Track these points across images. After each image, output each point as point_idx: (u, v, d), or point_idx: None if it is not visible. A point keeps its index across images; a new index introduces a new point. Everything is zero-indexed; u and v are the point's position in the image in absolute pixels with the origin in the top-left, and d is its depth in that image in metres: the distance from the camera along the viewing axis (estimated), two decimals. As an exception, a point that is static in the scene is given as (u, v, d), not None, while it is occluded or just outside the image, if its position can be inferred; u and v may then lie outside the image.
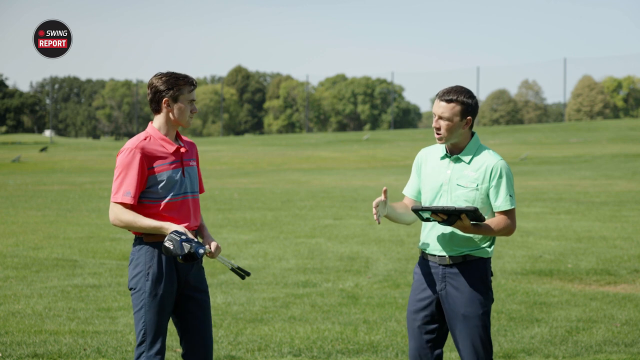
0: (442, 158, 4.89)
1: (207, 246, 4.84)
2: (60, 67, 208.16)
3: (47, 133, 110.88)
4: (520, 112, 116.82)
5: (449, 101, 4.77)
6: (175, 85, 4.83)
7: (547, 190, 25.99)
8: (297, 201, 22.90)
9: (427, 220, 4.77)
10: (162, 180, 4.79)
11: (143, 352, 4.78)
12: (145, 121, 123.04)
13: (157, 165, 4.79)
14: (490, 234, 4.74)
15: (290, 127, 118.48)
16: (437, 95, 4.86)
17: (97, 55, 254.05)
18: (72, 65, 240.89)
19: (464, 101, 4.77)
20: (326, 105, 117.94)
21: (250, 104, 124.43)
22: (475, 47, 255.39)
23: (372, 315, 8.75)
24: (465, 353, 4.83)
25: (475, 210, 4.60)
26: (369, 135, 73.79)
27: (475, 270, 4.79)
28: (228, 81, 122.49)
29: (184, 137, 5.04)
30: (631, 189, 26.09)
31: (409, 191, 5.04)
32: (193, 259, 4.65)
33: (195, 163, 5.00)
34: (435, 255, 4.86)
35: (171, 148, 4.86)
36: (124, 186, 4.75)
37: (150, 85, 4.87)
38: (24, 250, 13.17)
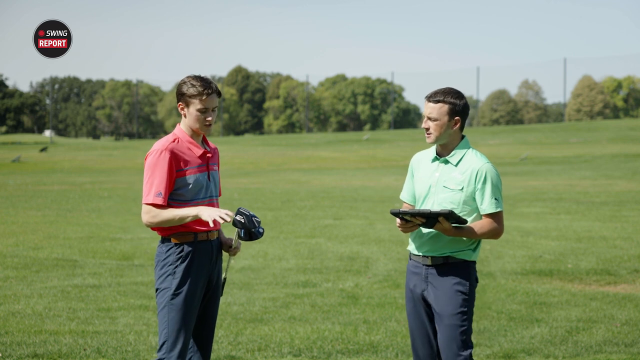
0: (433, 161, 4.95)
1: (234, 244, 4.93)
2: (60, 67, 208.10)
3: (47, 133, 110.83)
4: (520, 112, 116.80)
5: (436, 101, 4.85)
6: (187, 91, 4.84)
7: (547, 190, 25.99)
8: (297, 201, 22.91)
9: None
10: (190, 183, 4.82)
11: (164, 354, 4.78)
12: (145, 121, 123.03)
13: (185, 167, 4.83)
14: (474, 236, 4.78)
15: (290, 127, 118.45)
16: (425, 96, 4.93)
17: (97, 55, 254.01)
18: (72, 65, 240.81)
19: (451, 101, 4.84)
20: (326, 106, 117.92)
21: (250, 104, 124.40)
22: (475, 47, 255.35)
23: (372, 315, 8.75)
24: (441, 351, 4.86)
25: (450, 212, 4.64)
26: (369, 135, 73.78)
27: (456, 272, 4.82)
28: (228, 81, 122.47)
29: (210, 142, 5.07)
30: (631, 189, 26.09)
31: (405, 196, 5.11)
32: (255, 237, 4.75)
33: (217, 167, 5.04)
34: (419, 256, 4.92)
35: (198, 152, 4.90)
36: (155, 187, 4.77)
37: (177, 86, 4.93)
38: (24, 250, 13.17)
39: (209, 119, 4.86)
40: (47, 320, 8.31)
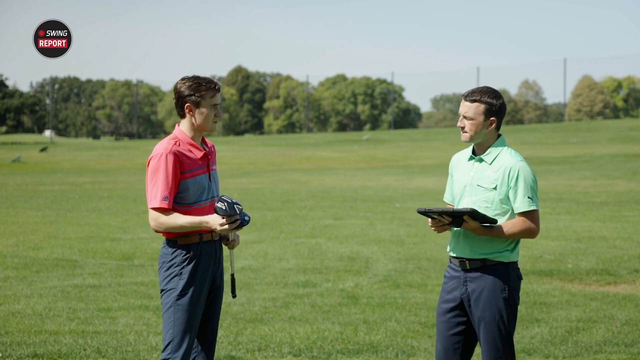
0: (469, 160, 4.94)
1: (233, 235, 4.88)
2: (60, 67, 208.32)
3: (47, 133, 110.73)
4: (520, 112, 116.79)
5: (473, 101, 4.84)
6: (197, 90, 4.82)
7: (547, 191, 25.98)
8: (297, 201, 22.90)
9: None
10: (193, 186, 4.83)
11: (169, 354, 4.79)
12: (145, 121, 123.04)
13: (188, 170, 4.83)
14: (504, 236, 4.72)
15: (290, 127, 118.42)
16: (463, 94, 4.93)
17: (97, 55, 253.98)
18: (72, 65, 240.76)
19: (487, 101, 4.83)
20: (326, 106, 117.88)
21: (250, 104, 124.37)
22: (475, 47, 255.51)
23: (372, 315, 8.75)
24: (484, 357, 4.83)
25: (474, 211, 4.61)
26: (369, 136, 73.76)
27: (494, 275, 4.76)
28: (228, 81, 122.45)
29: (207, 141, 5.07)
30: (631, 189, 26.09)
31: (447, 197, 5.11)
32: (240, 226, 4.70)
33: (215, 166, 5.05)
34: (457, 258, 4.88)
35: (199, 153, 4.90)
36: (161, 191, 4.77)
37: (175, 89, 4.90)
38: (24, 250, 13.17)
39: (219, 114, 4.89)
40: (47, 320, 8.31)
